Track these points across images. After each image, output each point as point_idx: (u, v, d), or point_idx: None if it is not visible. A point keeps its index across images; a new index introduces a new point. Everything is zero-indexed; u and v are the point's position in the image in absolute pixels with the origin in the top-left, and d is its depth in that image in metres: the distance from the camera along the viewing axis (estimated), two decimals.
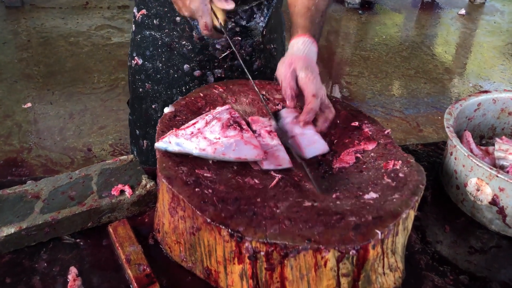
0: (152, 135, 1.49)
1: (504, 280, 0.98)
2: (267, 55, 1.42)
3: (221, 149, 0.96)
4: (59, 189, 1.01)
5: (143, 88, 1.44)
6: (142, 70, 1.42)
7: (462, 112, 1.24)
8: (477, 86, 4.23)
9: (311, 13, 1.17)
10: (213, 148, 0.95)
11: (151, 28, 1.37)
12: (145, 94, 1.45)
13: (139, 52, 1.42)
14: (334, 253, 0.79)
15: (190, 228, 0.87)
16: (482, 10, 6.11)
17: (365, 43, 4.87)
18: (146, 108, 1.47)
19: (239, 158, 0.97)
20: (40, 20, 4.78)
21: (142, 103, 1.47)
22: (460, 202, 1.15)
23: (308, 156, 1.03)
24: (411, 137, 3.40)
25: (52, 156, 2.97)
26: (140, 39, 1.41)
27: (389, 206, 0.85)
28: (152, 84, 1.42)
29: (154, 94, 1.43)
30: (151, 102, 1.45)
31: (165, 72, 1.39)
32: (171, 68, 1.37)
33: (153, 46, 1.38)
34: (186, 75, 1.37)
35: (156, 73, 1.40)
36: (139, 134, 1.54)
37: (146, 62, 1.41)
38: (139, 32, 1.40)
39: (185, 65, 1.36)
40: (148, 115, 1.47)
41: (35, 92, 3.62)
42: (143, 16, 1.37)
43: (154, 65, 1.40)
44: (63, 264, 0.92)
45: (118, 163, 1.09)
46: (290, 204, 0.87)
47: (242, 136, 0.98)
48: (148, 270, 0.89)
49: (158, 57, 1.38)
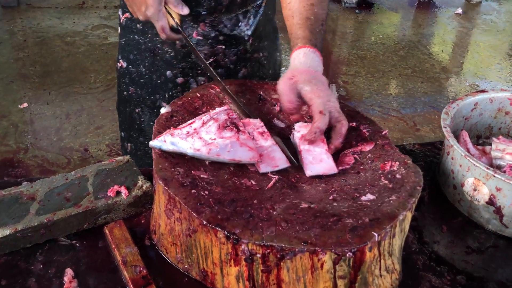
0: (135, 139, 1.47)
1: (501, 280, 0.98)
2: (255, 63, 1.40)
3: (216, 150, 0.95)
4: (54, 190, 1.01)
5: (127, 91, 1.42)
6: (126, 74, 1.40)
7: (459, 111, 1.24)
8: (474, 85, 4.24)
9: (310, 22, 1.12)
10: (208, 148, 0.95)
11: (134, 32, 1.34)
12: (129, 97, 1.43)
13: (124, 55, 1.40)
14: (330, 255, 0.78)
15: (187, 230, 0.86)
16: (479, 9, 6.12)
17: (362, 43, 4.87)
18: (130, 112, 1.45)
19: (233, 159, 0.96)
20: (36, 20, 4.76)
21: (126, 106, 1.45)
22: (457, 202, 1.15)
23: (309, 174, 0.98)
24: (408, 136, 3.41)
25: (48, 157, 2.96)
26: (124, 42, 1.39)
27: (386, 207, 0.85)
28: (135, 88, 1.40)
29: (138, 98, 1.41)
30: (134, 106, 1.43)
31: (148, 77, 1.36)
32: (154, 73, 1.35)
33: (137, 50, 1.36)
34: (169, 81, 1.35)
35: (139, 78, 1.38)
36: (124, 137, 1.52)
37: (130, 65, 1.39)
38: (124, 35, 1.38)
39: (168, 71, 1.34)
40: (131, 118, 1.45)
41: (32, 92, 3.61)
42: (127, 19, 1.35)
43: (137, 69, 1.37)
44: (59, 266, 0.92)
45: (114, 164, 1.08)
46: (286, 206, 0.87)
47: (238, 138, 0.98)
48: (145, 272, 0.88)
49: (142, 61, 1.36)
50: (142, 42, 1.34)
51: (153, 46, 1.32)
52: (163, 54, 1.32)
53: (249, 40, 1.34)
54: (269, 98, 1.16)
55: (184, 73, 1.33)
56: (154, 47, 1.32)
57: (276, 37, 1.50)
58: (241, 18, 1.30)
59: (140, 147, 1.47)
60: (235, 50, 1.33)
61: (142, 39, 1.33)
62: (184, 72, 1.33)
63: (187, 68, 1.33)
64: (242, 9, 1.29)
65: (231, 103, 1.13)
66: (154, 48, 1.32)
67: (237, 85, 1.18)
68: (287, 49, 4.49)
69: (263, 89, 1.18)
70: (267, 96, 1.16)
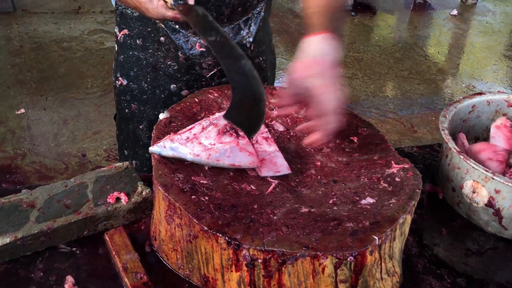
0: (141, 155, 1.46)
1: (501, 282, 0.98)
2: (256, 68, 1.38)
3: (215, 155, 0.95)
4: (54, 198, 1.01)
5: (129, 109, 1.40)
6: (127, 91, 1.38)
7: (457, 114, 1.25)
8: (470, 86, 4.25)
9: (326, 8, 1.06)
10: (208, 153, 0.95)
11: (134, 49, 1.33)
12: (131, 114, 1.41)
13: (123, 72, 1.37)
14: (332, 260, 0.78)
15: (187, 236, 0.86)
16: (474, 10, 6.15)
17: (358, 45, 4.88)
18: (133, 129, 1.43)
19: (233, 164, 0.96)
20: (33, 25, 4.75)
21: (129, 123, 1.43)
22: (456, 204, 1.15)
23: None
24: (406, 138, 3.41)
25: (46, 162, 2.95)
26: (123, 59, 1.36)
27: (386, 211, 0.85)
28: (138, 105, 1.38)
29: (141, 115, 1.39)
30: (138, 123, 1.41)
31: (151, 92, 1.35)
32: (157, 88, 1.34)
33: (137, 66, 1.34)
34: (173, 95, 1.34)
35: (141, 94, 1.36)
36: (128, 155, 1.50)
37: (130, 82, 1.36)
38: (122, 52, 1.36)
39: (172, 85, 1.32)
40: (135, 136, 1.43)
41: (28, 98, 3.60)
42: (125, 36, 1.33)
43: (139, 86, 1.35)
44: (60, 273, 0.92)
45: (113, 170, 1.08)
46: (287, 211, 0.87)
47: (237, 143, 0.98)
48: (145, 278, 0.88)
49: (143, 77, 1.34)
50: (143, 57, 1.32)
51: (155, 61, 1.31)
52: (166, 68, 1.30)
53: (251, 46, 1.34)
54: (267, 103, 1.16)
55: (189, 86, 1.32)
56: (156, 62, 1.31)
57: (270, 39, 1.50)
58: (243, 26, 1.30)
59: (147, 163, 1.46)
60: None
61: (143, 55, 1.32)
62: (188, 85, 1.32)
63: (192, 80, 1.32)
64: (243, 17, 1.29)
65: None
66: (156, 63, 1.31)
67: None
68: (284, 52, 4.52)
69: None
70: None
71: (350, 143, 1.07)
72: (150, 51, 1.30)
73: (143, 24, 1.28)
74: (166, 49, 1.28)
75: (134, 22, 1.29)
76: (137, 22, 1.28)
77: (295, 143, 1.10)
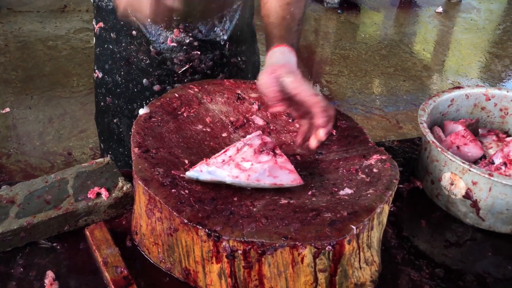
0: (115, 149, 1.45)
1: (479, 272, 1.00)
2: (233, 68, 1.39)
3: (255, 175, 0.92)
4: (34, 193, 1.00)
5: (104, 102, 1.40)
6: (103, 84, 1.38)
7: (436, 108, 1.26)
8: (455, 82, 4.30)
9: (287, 22, 1.12)
10: (247, 175, 0.92)
11: (108, 42, 1.33)
12: (106, 108, 1.41)
13: (99, 65, 1.38)
14: (310, 249, 0.79)
15: (168, 229, 0.87)
16: (459, 8, 6.21)
17: (344, 42, 4.90)
18: (108, 122, 1.43)
19: (275, 184, 0.93)
20: (18, 24, 4.71)
21: (104, 116, 1.43)
22: (435, 196, 1.17)
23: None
24: (391, 134, 3.44)
25: (31, 161, 2.93)
26: (99, 52, 1.36)
27: (364, 201, 0.86)
28: (112, 98, 1.38)
29: (115, 108, 1.39)
30: (112, 117, 1.41)
31: (124, 86, 1.35)
32: (130, 82, 1.34)
33: (112, 59, 1.34)
34: (146, 90, 1.34)
35: (116, 87, 1.36)
36: (104, 148, 1.50)
37: (105, 76, 1.37)
38: (98, 45, 1.36)
39: (144, 80, 1.32)
40: (110, 129, 1.43)
41: (14, 97, 3.57)
42: (100, 29, 1.33)
43: (113, 79, 1.36)
44: (40, 269, 0.92)
45: (94, 166, 1.08)
46: (266, 202, 0.88)
47: (276, 161, 0.95)
48: (126, 272, 0.88)
49: (117, 71, 1.34)
50: (117, 51, 1.32)
51: (128, 55, 1.30)
52: (138, 63, 1.30)
53: (226, 45, 1.33)
54: (247, 97, 1.17)
55: (160, 81, 1.32)
56: (128, 56, 1.30)
57: (254, 40, 1.49)
58: (217, 23, 1.29)
59: (120, 158, 1.46)
60: (211, 55, 1.31)
61: (117, 48, 1.31)
62: (160, 80, 1.32)
63: (163, 76, 1.31)
64: (217, 14, 1.29)
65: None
66: (128, 57, 1.31)
67: (215, 84, 1.19)
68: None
69: (241, 88, 1.18)
70: (245, 95, 1.17)
71: (329, 135, 1.08)
72: (123, 45, 1.30)
73: (116, 17, 1.27)
74: (138, 43, 1.28)
75: (108, 15, 1.29)
76: (111, 15, 1.28)
77: (275, 136, 1.10)
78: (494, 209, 1.06)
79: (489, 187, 1.05)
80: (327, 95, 3.89)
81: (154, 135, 1.01)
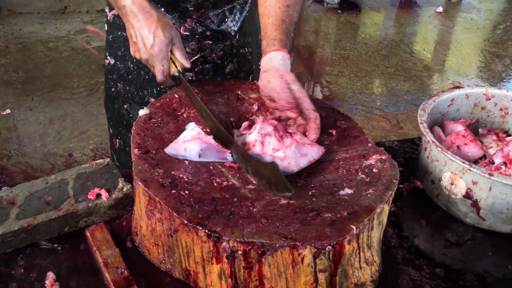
0: (124, 135, 1.48)
1: (479, 271, 1.00)
2: (241, 59, 1.42)
3: (293, 160, 0.98)
4: (35, 195, 1.01)
5: (115, 88, 1.43)
6: (114, 70, 1.41)
7: (436, 108, 1.26)
8: (456, 82, 4.30)
9: (286, 25, 1.14)
10: (287, 163, 0.98)
11: (122, 29, 1.35)
12: (117, 94, 1.44)
13: (111, 52, 1.41)
14: (310, 250, 0.79)
15: (168, 230, 0.87)
16: (459, 7, 6.21)
17: (344, 43, 4.90)
18: (118, 108, 1.46)
19: (310, 162, 0.99)
20: (18, 26, 4.71)
21: (114, 102, 1.46)
22: (435, 196, 1.17)
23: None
24: (392, 134, 3.44)
25: (32, 163, 2.94)
26: (112, 39, 1.39)
27: (364, 201, 0.86)
28: (123, 85, 1.41)
29: (126, 95, 1.42)
30: (123, 102, 1.44)
31: (136, 73, 1.38)
32: (142, 69, 1.36)
33: (125, 46, 1.36)
34: None
35: (127, 74, 1.39)
36: (113, 133, 1.53)
37: (118, 62, 1.40)
38: (111, 31, 1.39)
39: None
40: (120, 115, 1.46)
41: (14, 98, 3.57)
42: (114, 16, 1.36)
43: (125, 66, 1.39)
44: (41, 270, 0.92)
45: (94, 167, 1.08)
46: (266, 203, 0.88)
47: (296, 140, 1.00)
48: (126, 273, 0.89)
49: (130, 57, 1.37)
50: None
51: None
52: None
53: (236, 35, 1.36)
54: (247, 98, 1.17)
55: None
56: None
57: (258, 33, 1.52)
58: (228, 14, 1.32)
59: (129, 143, 1.47)
60: (222, 45, 1.34)
61: None
62: None
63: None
64: (228, 5, 1.31)
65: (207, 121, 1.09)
66: None
67: (215, 85, 1.19)
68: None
69: (241, 89, 1.19)
70: (245, 95, 1.17)
71: (329, 136, 1.09)
72: None
73: None
74: None
75: None
76: None
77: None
78: (494, 208, 1.06)
79: (489, 186, 1.04)
80: (327, 96, 3.89)
81: (154, 136, 1.01)
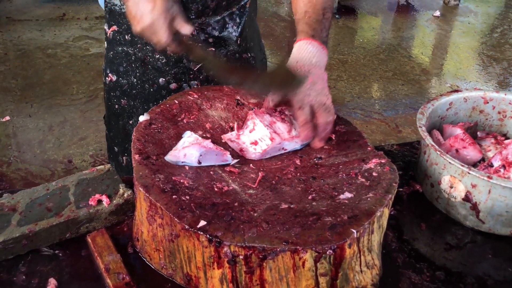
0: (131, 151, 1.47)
1: (479, 274, 1.00)
2: (244, 64, 1.42)
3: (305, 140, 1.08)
4: (36, 201, 1.01)
5: (119, 104, 1.42)
6: (117, 87, 1.41)
7: (435, 111, 1.27)
8: (454, 86, 4.31)
9: (308, 15, 1.14)
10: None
11: (123, 44, 1.35)
12: (121, 110, 1.43)
13: (113, 68, 1.40)
14: (311, 254, 0.80)
15: (169, 235, 0.87)
16: (457, 11, 6.22)
17: (342, 47, 4.91)
18: (123, 124, 1.45)
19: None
20: (17, 33, 4.72)
21: (119, 119, 1.45)
22: (435, 199, 1.17)
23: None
24: (391, 138, 3.45)
25: (32, 169, 2.94)
26: (112, 55, 1.39)
27: (364, 205, 0.87)
28: (128, 100, 1.40)
29: (131, 110, 1.41)
30: (128, 118, 1.43)
31: (140, 87, 1.37)
32: (146, 82, 1.36)
33: (127, 61, 1.36)
34: (162, 89, 1.36)
35: (131, 89, 1.39)
36: (118, 151, 1.51)
37: (120, 78, 1.39)
38: (111, 48, 1.38)
39: (161, 79, 1.35)
40: (126, 131, 1.45)
41: (14, 105, 3.58)
42: (114, 32, 1.35)
43: (128, 81, 1.38)
44: (42, 276, 0.92)
45: (95, 173, 1.08)
46: (267, 207, 0.89)
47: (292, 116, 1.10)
48: (128, 279, 0.89)
49: (132, 72, 1.36)
50: (132, 52, 1.34)
51: (144, 56, 1.33)
52: (154, 62, 1.33)
53: (237, 41, 1.36)
54: (246, 103, 1.18)
55: (177, 79, 1.35)
56: (144, 56, 1.33)
57: (259, 38, 1.54)
58: (228, 20, 1.33)
59: None
60: (224, 51, 1.35)
61: (132, 50, 1.34)
62: (177, 78, 1.35)
63: (180, 74, 1.34)
64: (227, 11, 1.32)
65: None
66: (144, 57, 1.33)
67: (215, 90, 1.19)
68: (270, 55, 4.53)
69: (240, 94, 1.19)
70: (244, 101, 1.18)
71: (328, 140, 1.09)
72: (139, 46, 1.33)
73: None
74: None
75: (122, 18, 1.32)
76: (125, 18, 1.30)
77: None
78: (494, 211, 1.07)
79: (488, 189, 1.05)
80: None
81: (155, 142, 1.02)
